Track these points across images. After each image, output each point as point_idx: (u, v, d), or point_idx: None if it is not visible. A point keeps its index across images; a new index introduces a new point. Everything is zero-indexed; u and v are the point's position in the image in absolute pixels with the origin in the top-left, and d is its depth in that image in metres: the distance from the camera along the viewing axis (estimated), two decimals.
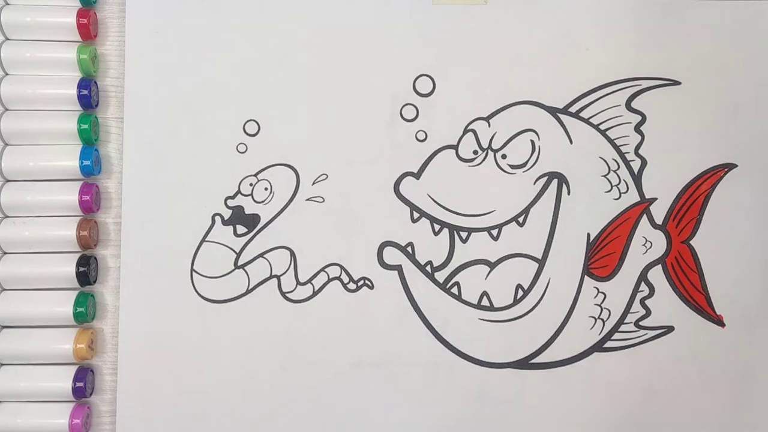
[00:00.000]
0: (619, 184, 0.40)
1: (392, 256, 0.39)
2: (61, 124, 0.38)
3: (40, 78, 0.39)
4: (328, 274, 0.39)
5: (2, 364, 0.39)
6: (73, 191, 0.38)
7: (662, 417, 0.39)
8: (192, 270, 0.39)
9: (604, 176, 0.40)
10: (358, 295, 0.39)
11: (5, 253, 0.39)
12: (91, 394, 0.39)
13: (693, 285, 0.39)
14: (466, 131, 0.40)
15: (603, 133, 0.40)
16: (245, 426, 0.39)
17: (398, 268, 0.39)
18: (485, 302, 0.39)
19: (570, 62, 0.40)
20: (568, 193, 0.40)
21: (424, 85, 0.40)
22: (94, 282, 0.39)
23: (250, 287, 0.39)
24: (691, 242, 0.40)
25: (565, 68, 0.40)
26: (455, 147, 0.40)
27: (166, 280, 0.39)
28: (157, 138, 0.39)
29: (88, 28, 0.38)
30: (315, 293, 0.39)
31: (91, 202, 0.38)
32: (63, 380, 0.38)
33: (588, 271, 0.39)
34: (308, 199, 0.39)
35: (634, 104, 0.40)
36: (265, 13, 0.40)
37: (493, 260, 0.39)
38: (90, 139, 0.39)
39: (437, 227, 0.39)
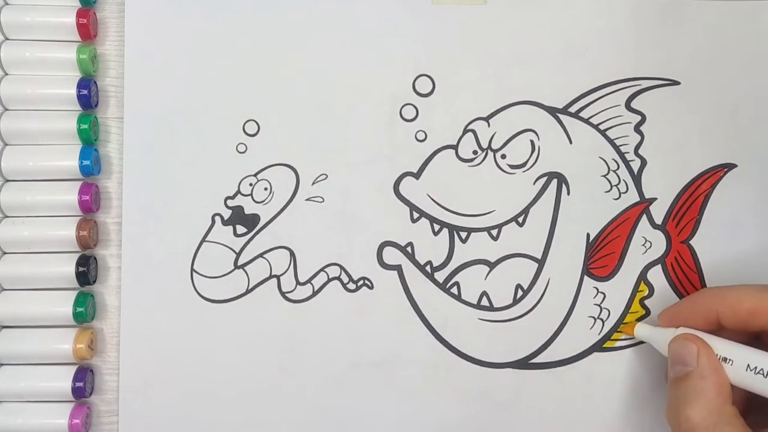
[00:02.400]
0: (618, 184, 0.40)
1: (392, 256, 0.39)
2: (60, 124, 0.38)
3: (40, 78, 0.39)
4: (327, 274, 0.39)
5: (2, 364, 0.39)
6: (73, 191, 0.38)
7: (662, 416, 0.39)
8: (192, 270, 0.39)
9: (604, 176, 0.40)
10: (358, 295, 0.39)
11: (5, 253, 0.39)
12: (90, 394, 0.39)
13: (693, 285, 0.39)
14: (465, 131, 0.40)
15: (603, 133, 0.40)
16: (244, 425, 0.39)
17: (398, 268, 0.39)
18: (485, 302, 0.39)
19: (570, 62, 0.40)
20: (568, 193, 0.40)
21: (423, 85, 0.40)
22: (94, 282, 0.39)
23: (250, 287, 0.39)
24: (690, 242, 0.40)
25: (564, 68, 0.40)
26: (455, 147, 0.40)
27: (167, 280, 0.39)
28: (157, 138, 0.39)
29: (87, 28, 0.38)
30: (315, 293, 0.39)
31: (90, 202, 0.38)
32: (62, 380, 0.38)
33: (587, 271, 0.39)
34: (308, 199, 0.39)
35: (634, 104, 0.40)
36: (265, 13, 0.40)
37: (492, 260, 0.39)
38: (90, 139, 0.39)
39: (437, 227, 0.39)
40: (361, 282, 0.39)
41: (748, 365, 0.32)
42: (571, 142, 0.40)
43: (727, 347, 0.33)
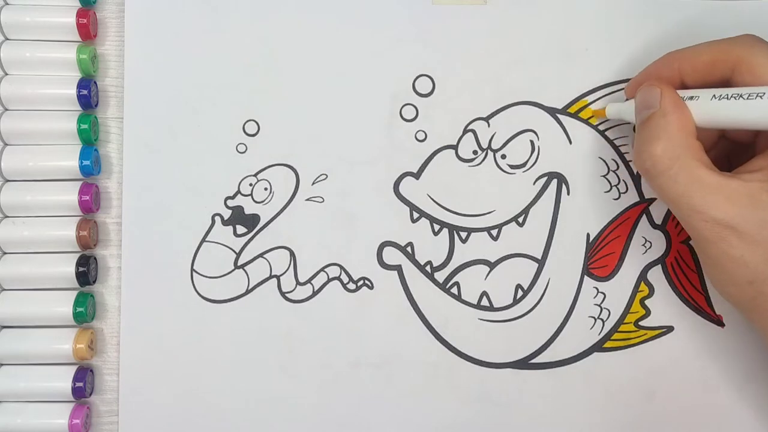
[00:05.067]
0: (618, 184, 0.40)
1: (392, 256, 0.39)
2: (60, 124, 0.38)
3: (40, 78, 0.39)
4: (327, 274, 0.39)
5: (2, 364, 0.39)
6: (73, 191, 0.38)
7: (662, 417, 0.39)
8: (192, 270, 0.39)
9: (604, 176, 0.40)
10: (358, 295, 0.39)
11: (5, 253, 0.39)
12: (90, 394, 0.39)
13: (693, 285, 0.39)
14: (465, 131, 0.40)
15: (602, 133, 0.40)
16: (244, 425, 0.39)
17: (398, 268, 0.39)
18: (485, 302, 0.39)
19: (569, 62, 0.40)
20: (568, 194, 0.40)
21: (423, 85, 0.40)
22: (94, 282, 0.39)
23: (250, 287, 0.39)
24: (690, 242, 0.40)
25: (564, 68, 0.40)
26: (455, 147, 0.40)
27: (167, 280, 0.39)
28: (157, 138, 0.39)
29: (87, 28, 0.38)
30: (315, 293, 0.39)
31: (90, 202, 0.38)
32: (62, 380, 0.38)
33: (588, 271, 0.39)
34: (308, 199, 0.39)
35: None
36: (265, 13, 0.40)
37: (492, 260, 0.39)
38: (90, 139, 0.39)
39: (437, 227, 0.39)
40: (361, 282, 0.39)
41: (714, 95, 0.32)
42: (570, 143, 0.40)
43: (692, 91, 0.33)
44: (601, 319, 0.39)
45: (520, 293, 0.39)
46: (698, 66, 0.34)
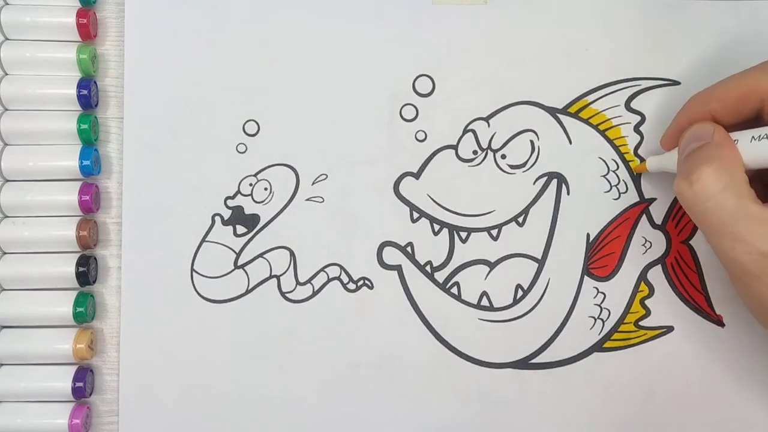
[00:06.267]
0: (618, 184, 0.40)
1: (392, 256, 0.39)
2: (60, 124, 0.38)
3: (40, 78, 0.39)
4: (327, 274, 0.39)
5: (2, 364, 0.39)
6: (73, 191, 0.38)
7: (662, 417, 0.39)
8: (192, 270, 0.39)
9: (604, 176, 0.40)
10: (358, 295, 0.39)
11: (5, 253, 0.39)
12: (90, 394, 0.39)
13: (693, 285, 0.39)
14: (465, 131, 0.40)
15: (602, 133, 0.40)
16: (244, 425, 0.39)
17: (398, 268, 0.39)
18: (485, 302, 0.39)
19: (569, 62, 0.40)
20: (568, 193, 0.40)
21: (423, 85, 0.40)
22: (94, 282, 0.39)
23: (250, 287, 0.39)
24: (690, 242, 0.40)
25: (564, 68, 0.40)
26: (455, 147, 0.40)
27: (167, 280, 0.39)
28: (157, 138, 0.39)
29: (87, 28, 0.39)
30: (315, 293, 0.39)
31: (90, 202, 0.38)
32: (62, 380, 0.38)
33: (588, 271, 0.39)
34: (308, 199, 0.39)
35: (634, 104, 0.40)
36: (265, 13, 0.40)
37: (492, 260, 0.39)
38: (90, 139, 0.39)
39: (437, 227, 0.39)
40: (361, 282, 0.39)
41: (753, 137, 0.32)
42: (570, 143, 0.40)
43: (731, 134, 0.33)
44: (601, 319, 0.39)
45: (520, 293, 0.39)
46: (728, 103, 0.34)
